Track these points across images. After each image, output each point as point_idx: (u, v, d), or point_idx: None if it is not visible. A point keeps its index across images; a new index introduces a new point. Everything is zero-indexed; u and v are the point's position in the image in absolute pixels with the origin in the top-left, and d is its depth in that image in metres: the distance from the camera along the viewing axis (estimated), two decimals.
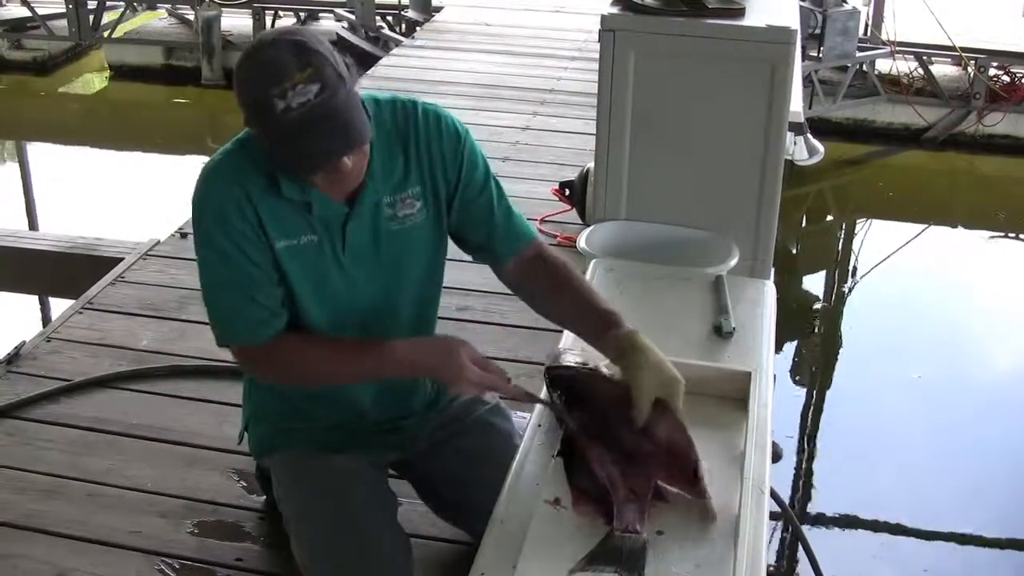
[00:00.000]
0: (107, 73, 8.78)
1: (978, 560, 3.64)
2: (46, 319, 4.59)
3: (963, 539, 3.65)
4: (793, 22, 2.80)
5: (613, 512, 1.52)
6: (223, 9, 8.19)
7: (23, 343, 3.20)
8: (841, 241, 6.48)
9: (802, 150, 4.41)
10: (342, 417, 2.06)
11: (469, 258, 2.04)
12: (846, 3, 6.87)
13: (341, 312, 1.91)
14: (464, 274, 2.49)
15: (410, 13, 8.06)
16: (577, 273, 1.95)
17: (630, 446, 1.63)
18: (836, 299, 5.56)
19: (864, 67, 7.23)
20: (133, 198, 6.24)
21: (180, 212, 4.31)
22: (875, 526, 3.67)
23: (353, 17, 8.10)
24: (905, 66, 7.30)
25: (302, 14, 8.39)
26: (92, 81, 8.97)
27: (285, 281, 1.85)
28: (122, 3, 8.66)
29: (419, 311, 2.01)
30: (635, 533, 1.48)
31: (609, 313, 1.81)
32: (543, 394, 1.80)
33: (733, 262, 2.71)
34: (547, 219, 4.19)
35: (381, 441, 2.08)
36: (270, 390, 2.10)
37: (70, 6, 8.27)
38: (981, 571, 3.64)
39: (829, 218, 6.97)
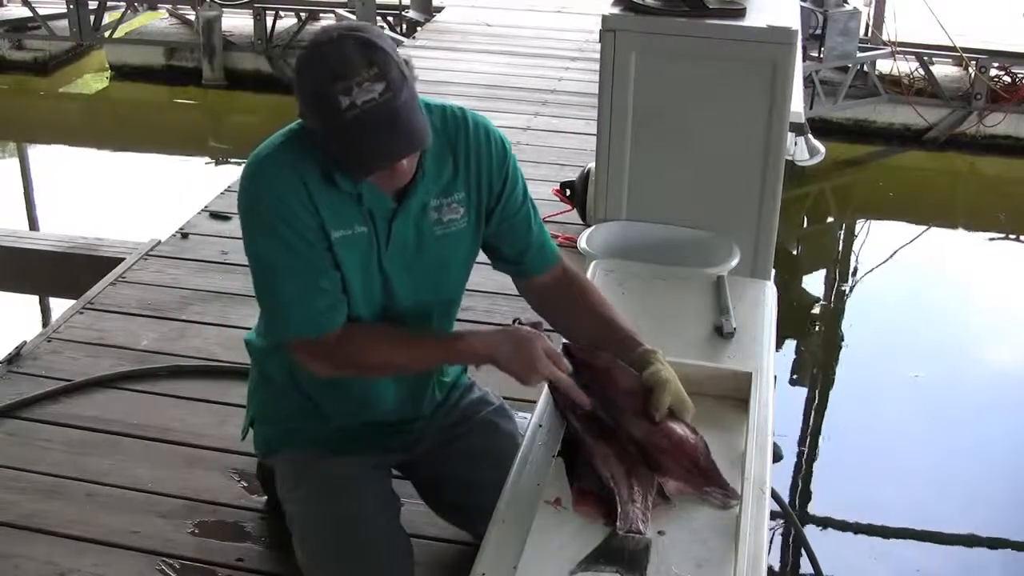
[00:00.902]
0: (108, 73, 8.78)
1: (979, 561, 3.64)
2: (47, 319, 4.59)
3: (964, 540, 3.65)
4: (794, 22, 2.80)
5: (616, 512, 1.52)
6: (224, 9, 8.18)
7: (24, 343, 3.20)
8: (842, 241, 6.48)
9: (803, 150, 4.42)
10: (355, 418, 2.05)
11: None
12: (847, 3, 6.86)
13: (377, 311, 1.91)
14: None
15: (411, 13, 8.06)
16: (601, 295, 1.98)
17: (644, 436, 1.64)
18: (836, 299, 5.56)
19: (865, 67, 7.23)
20: (134, 198, 6.24)
21: (181, 212, 4.32)
22: (876, 527, 3.67)
23: (354, 17, 8.10)
24: (906, 66, 7.30)
25: (303, 14, 8.39)
26: (93, 81, 8.97)
27: (340, 272, 1.84)
28: (123, 3, 8.66)
29: (445, 317, 2.02)
30: (638, 534, 1.48)
31: (632, 335, 1.84)
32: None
33: (734, 262, 2.71)
34: (548, 219, 4.18)
35: (387, 443, 2.08)
36: (279, 389, 2.09)
37: (71, 6, 8.26)
38: (982, 572, 3.64)
39: (830, 219, 6.96)
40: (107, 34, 8.60)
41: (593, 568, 1.43)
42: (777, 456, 3.27)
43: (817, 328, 5.26)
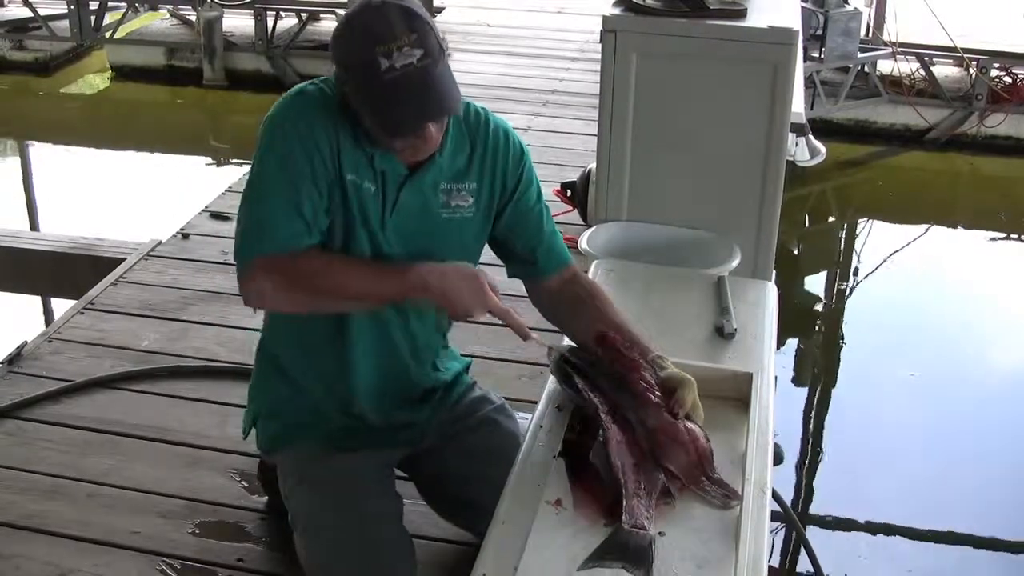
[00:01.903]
0: (109, 74, 8.78)
1: (980, 561, 3.64)
2: (48, 319, 4.59)
3: (965, 540, 3.65)
4: (795, 23, 2.80)
5: (617, 510, 1.51)
6: (225, 10, 8.18)
7: (25, 343, 3.20)
8: (842, 242, 6.47)
9: (804, 151, 4.41)
10: (338, 401, 2.05)
11: None
12: (848, 4, 6.86)
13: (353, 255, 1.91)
14: None
15: None
16: (610, 300, 1.98)
17: (659, 424, 1.64)
18: (837, 300, 5.55)
19: (866, 68, 7.23)
20: (134, 199, 6.24)
21: (181, 213, 4.32)
22: (877, 527, 3.67)
23: None
24: (907, 67, 7.30)
25: (304, 15, 8.39)
26: (94, 82, 8.97)
27: (346, 213, 1.84)
28: (124, 4, 8.66)
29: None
30: (643, 530, 1.48)
31: (642, 341, 1.84)
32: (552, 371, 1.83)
33: (735, 263, 2.71)
34: None
35: (391, 439, 2.08)
36: (283, 385, 2.09)
37: (72, 7, 8.26)
38: (982, 572, 3.64)
39: (831, 219, 6.96)
40: (108, 34, 8.60)
41: (598, 563, 1.43)
42: (778, 457, 3.27)
43: (818, 328, 5.26)
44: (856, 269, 5.97)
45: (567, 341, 1.94)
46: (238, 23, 8.38)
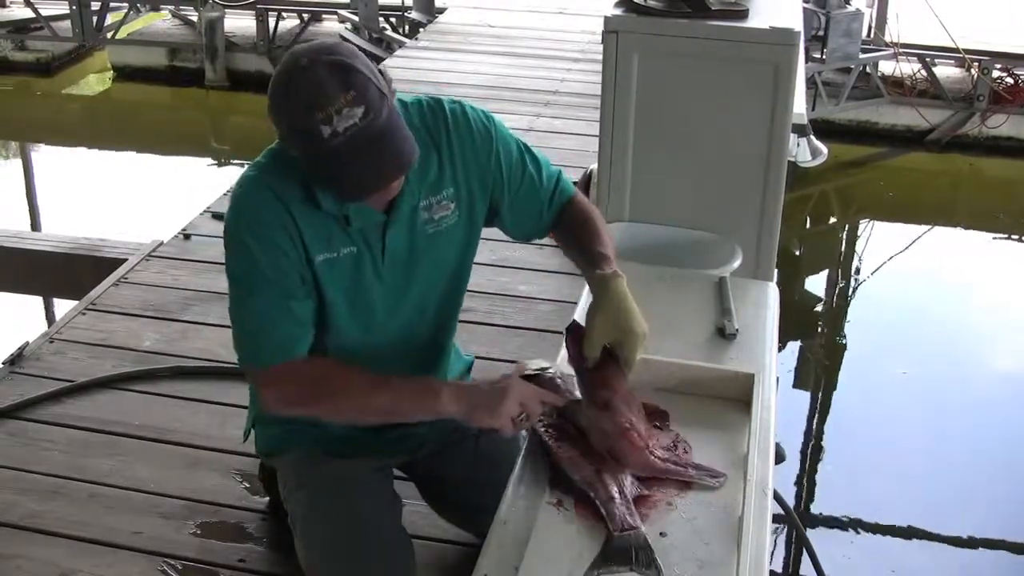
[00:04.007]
0: (110, 74, 8.79)
1: (980, 562, 3.64)
2: (49, 320, 4.60)
3: (967, 542, 3.65)
4: (796, 24, 2.79)
5: (606, 517, 1.51)
6: (226, 10, 8.19)
7: (26, 344, 3.20)
8: (844, 243, 6.47)
9: (805, 152, 4.40)
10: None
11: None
12: (849, 5, 6.86)
13: (374, 320, 1.89)
14: None
15: (413, 14, 8.06)
16: (595, 216, 1.98)
17: (589, 423, 1.65)
18: (839, 301, 5.55)
19: (867, 69, 7.23)
20: (136, 199, 6.25)
21: (183, 213, 4.32)
22: (879, 528, 3.67)
23: (357, 18, 8.11)
24: (908, 68, 7.30)
25: (305, 15, 8.39)
26: (95, 82, 8.98)
27: (321, 296, 1.82)
28: (125, 4, 8.67)
29: (445, 309, 2.01)
30: (633, 529, 1.48)
31: (600, 255, 1.83)
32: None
33: (736, 264, 2.70)
34: None
35: (390, 446, 2.08)
36: None
37: (73, 7, 8.27)
38: (983, 573, 3.63)
39: (832, 220, 6.96)
40: (110, 35, 8.61)
41: (607, 571, 1.42)
42: (780, 457, 3.27)
43: (820, 329, 5.26)
44: (857, 270, 5.97)
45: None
46: (240, 24, 8.39)
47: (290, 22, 8.40)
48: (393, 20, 8.24)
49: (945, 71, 7.35)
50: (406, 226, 1.85)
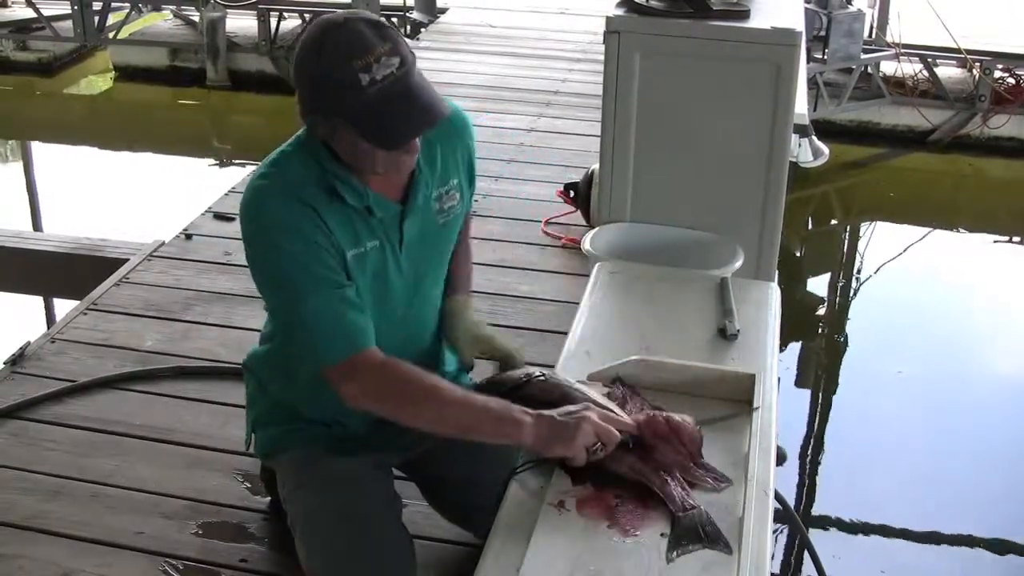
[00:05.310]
0: (112, 74, 8.79)
1: (981, 562, 3.64)
2: (51, 320, 4.60)
3: (968, 542, 3.65)
4: (798, 24, 2.79)
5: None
6: (228, 10, 8.19)
7: (28, 344, 3.20)
8: (846, 243, 6.47)
9: (807, 152, 4.40)
10: (334, 422, 2.06)
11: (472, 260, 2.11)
12: (851, 5, 6.86)
13: (395, 312, 1.93)
14: None
15: (415, 15, 8.06)
16: (464, 247, 2.12)
17: (643, 422, 1.68)
18: (840, 301, 5.55)
19: (869, 69, 7.22)
20: (138, 199, 6.25)
21: (184, 213, 4.32)
22: (880, 529, 3.67)
23: None
24: (910, 68, 7.29)
25: (307, 15, 8.39)
26: (97, 82, 8.98)
27: (363, 280, 1.85)
28: (127, 4, 8.67)
29: (440, 292, 2.07)
30: (694, 508, 1.53)
31: (452, 286, 2.06)
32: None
33: (738, 264, 2.71)
34: (551, 221, 4.19)
35: (389, 445, 2.08)
36: (273, 398, 2.10)
37: (75, 7, 8.27)
38: (986, 573, 3.63)
39: (834, 220, 6.96)
40: (111, 35, 8.60)
41: (682, 551, 1.47)
42: (781, 458, 3.27)
43: (821, 330, 5.26)
44: (859, 270, 5.96)
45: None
46: (241, 24, 8.39)
47: (292, 22, 8.40)
48: (394, 20, 8.23)
49: (947, 71, 7.35)
50: (420, 216, 1.90)
